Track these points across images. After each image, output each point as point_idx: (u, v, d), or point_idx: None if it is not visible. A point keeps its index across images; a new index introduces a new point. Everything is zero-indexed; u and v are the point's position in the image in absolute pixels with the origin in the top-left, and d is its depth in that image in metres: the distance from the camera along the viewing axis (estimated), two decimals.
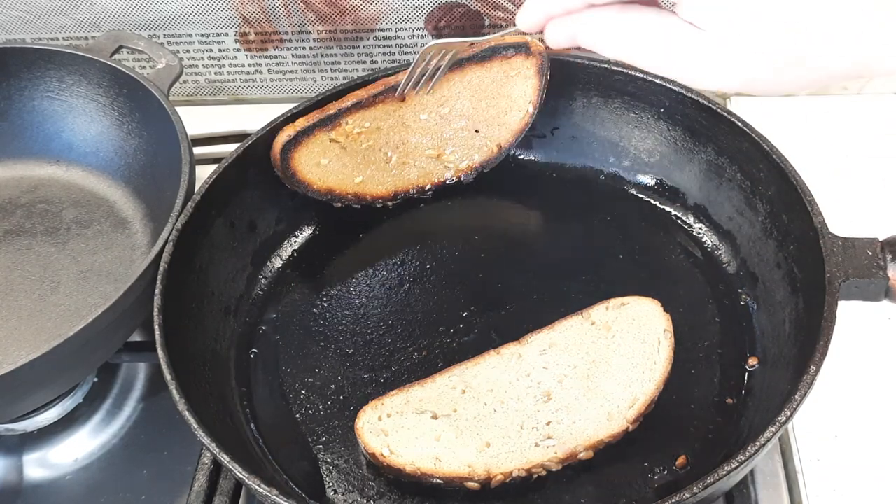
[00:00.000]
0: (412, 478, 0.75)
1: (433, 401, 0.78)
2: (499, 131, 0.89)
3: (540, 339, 0.81)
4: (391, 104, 0.92)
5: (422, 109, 0.92)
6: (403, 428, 0.76)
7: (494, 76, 0.92)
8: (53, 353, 0.73)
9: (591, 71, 0.94)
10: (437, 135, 0.91)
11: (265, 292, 0.92)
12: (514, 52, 0.91)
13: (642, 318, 0.81)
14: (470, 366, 0.80)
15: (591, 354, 0.80)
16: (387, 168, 0.90)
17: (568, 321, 0.82)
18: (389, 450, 0.75)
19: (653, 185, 0.96)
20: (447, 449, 0.75)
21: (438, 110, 0.91)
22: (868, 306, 0.74)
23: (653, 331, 0.80)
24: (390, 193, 0.92)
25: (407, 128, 0.91)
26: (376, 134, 0.92)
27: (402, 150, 0.91)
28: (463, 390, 0.78)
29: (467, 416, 0.77)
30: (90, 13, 1.09)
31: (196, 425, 0.70)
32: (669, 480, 0.75)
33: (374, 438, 0.76)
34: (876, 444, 0.79)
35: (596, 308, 0.83)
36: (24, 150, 1.06)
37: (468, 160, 0.89)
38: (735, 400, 0.79)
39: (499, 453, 0.75)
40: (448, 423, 0.76)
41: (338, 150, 0.91)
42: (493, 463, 0.74)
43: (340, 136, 0.91)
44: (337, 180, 0.91)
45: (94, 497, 0.84)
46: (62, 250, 0.98)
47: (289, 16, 1.08)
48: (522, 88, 0.91)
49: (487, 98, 0.91)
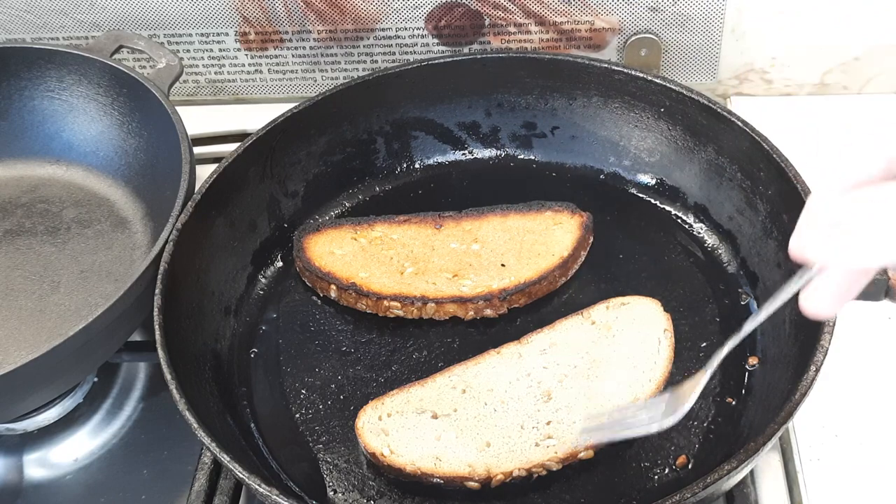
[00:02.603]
0: (412, 477, 0.75)
1: (433, 400, 0.78)
2: (525, 270, 0.88)
3: (540, 338, 0.81)
4: (426, 228, 0.92)
5: (454, 239, 0.91)
6: (404, 427, 0.76)
7: (537, 226, 0.91)
8: (53, 353, 0.73)
9: (592, 71, 0.94)
10: (461, 262, 0.89)
11: (265, 292, 0.92)
12: (562, 209, 0.92)
13: (643, 317, 0.81)
14: (470, 365, 0.80)
15: (592, 354, 0.80)
16: (398, 276, 0.89)
17: (568, 321, 0.82)
18: (390, 449, 0.75)
19: (653, 184, 0.96)
20: (447, 449, 0.75)
21: (471, 244, 0.90)
22: (868, 306, 0.74)
23: (653, 331, 0.80)
24: (391, 294, 0.87)
25: (434, 251, 0.90)
26: (401, 248, 0.91)
27: (420, 266, 0.89)
28: (463, 390, 0.78)
29: (467, 415, 0.77)
30: (90, 13, 1.09)
31: (196, 425, 0.70)
32: (669, 480, 0.75)
33: (374, 438, 0.76)
34: (876, 444, 0.79)
35: (596, 308, 0.83)
36: (24, 150, 1.06)
37: (485, 287, 0.88)
38: (735, 400, 0.79)
39: (499, 453, 0.75)
40: (448, 423, 0.76)
41: (357, 247, 0.91)
42: (493, 462, 0.74)
43: (364, 236, 0.91)
44: (342, 267, 0.90)
45: (94, 497, 0.84)
46: (62, 250, 0.98)
47: (289, 15, 1.08)
48: (561, 238, 0.89)
49: (523, 242, 0.90)
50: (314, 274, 0.89)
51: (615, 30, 1.06)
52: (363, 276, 0.88)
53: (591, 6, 1.04)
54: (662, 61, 1.08)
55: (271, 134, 0.92)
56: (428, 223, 0.93)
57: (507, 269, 0.88)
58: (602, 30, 1.06)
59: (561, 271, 0.88)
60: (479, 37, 1.09)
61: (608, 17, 1.05)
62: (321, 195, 0.98)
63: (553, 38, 1.08)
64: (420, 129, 1.00)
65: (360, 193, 1.00)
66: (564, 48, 1.08)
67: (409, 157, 1.01)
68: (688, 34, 1.05)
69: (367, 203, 0.99)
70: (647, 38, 1.06)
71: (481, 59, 0.97)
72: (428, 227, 0.92)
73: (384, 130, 0.99)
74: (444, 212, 0.93)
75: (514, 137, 1.00)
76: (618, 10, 1.04)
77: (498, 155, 1.01)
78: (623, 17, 1.05)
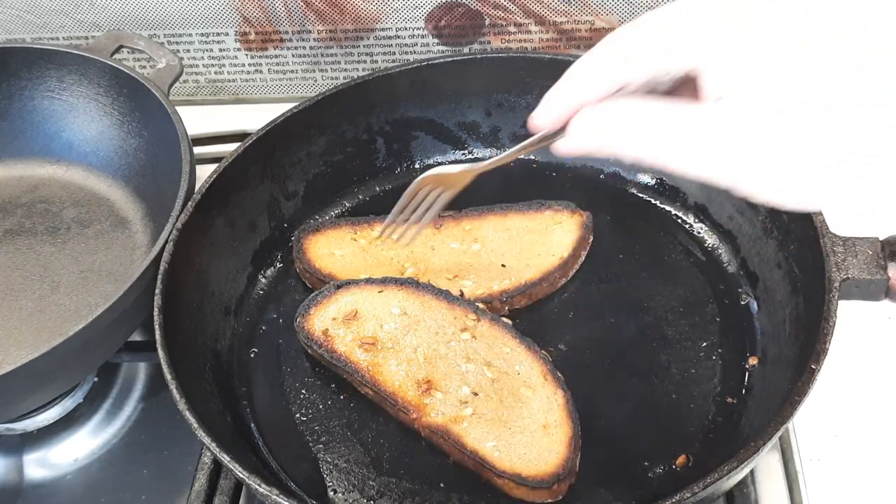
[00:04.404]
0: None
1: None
2: (526, 270, 0.88)
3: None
4: (426, 228, 0.91)
5: (453, 239, 0.91)
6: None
7: (536, 225, 0.91)
8: (53, 353, 0.73)
9: None
10: (461, 262, 0.89)
11: (265, 292, 0.92)
12: (562, 208, 0.92)
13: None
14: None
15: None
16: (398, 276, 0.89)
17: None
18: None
19: (653, 184, 0.96)
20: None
21: (471, 244, 0.90)
22: (868, 306, 0.74)
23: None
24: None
25: (433, 251, 0.90)
26: (401, 248, 0.90)
27: (420, 266, 0.89)
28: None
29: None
30: (90, 13, 1.09)
31: (196, 425, 0.70)
32: (669, 480, 0.75)
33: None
34: (876, 444, 0.79)
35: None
36: (25, 150, 1.06)
37: (485, 288, 0.88)
38: (735, 399, 0.79)
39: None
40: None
41: (356, 248, 0.91)
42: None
43: (364, 237, 0.91)
44: (342, 268, 0.90)
45: (94, 497, 0.84)
46: (62, 250, 0.98)
47: (289, 15, 1.08)
48: (561, 238, 0.89)
49: (524, 242, 0.90)
50: (314, 275, 0.89)
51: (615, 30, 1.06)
52: (363, 277, 0.88)
53: (591, 6, 1.04)
54: None
55: (271, 134, 0.92)
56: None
57: (508, 270, 0.88)
58: (602, 30, 1.06)
59: (561, 271, 0.88)
60: (479, 37, 1.09)
61: (608, 17, 1.05)
62: (321, 195, 0.98)
63: (553, 38, 1.08)
64: (420, 129, 1.00)
65: (360, 193, 1.00)
66: (564, 48, 1.08)
67: (409, 157, 1.01)
68: None
69: (367, 203, 0.99)
70: None
71: (481, 59, 0.97)
72: (428, 227, 0.92)
73: (384, 130, 0.99)
74: (444, 212, 0.93)
75: (514, 137, 1.00)
76: (618, 10, 1.04)
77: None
78: (623, 17, 1.05)
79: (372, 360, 0.80)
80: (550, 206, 0.92)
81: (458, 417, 0.76)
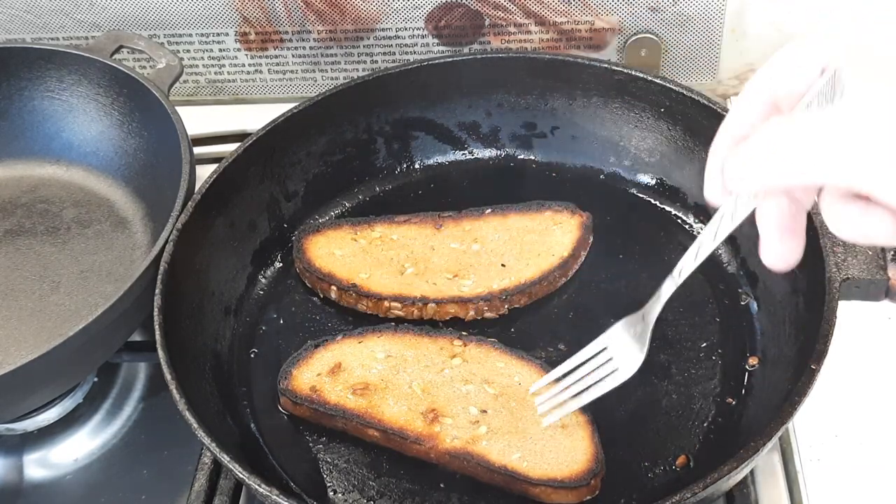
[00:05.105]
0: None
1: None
2: (525, 270, 0.88)
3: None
4: (426, 228, 0.92)
5: (454, 239, 0.91)
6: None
7: (536, 225, 0.91)
8: (53, 353, 0.73)
9: (592, 71, 0.94)
10: (461, 262, 0.89)
11: (265, 292, 0.92)
12: (562, 208, 0.92)
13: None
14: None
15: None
16: (398, 277, 0.88)
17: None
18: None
19: (653, 184, 0.96)
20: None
21: (471, 244, 0.90)
22: (868, 306, 0.74)
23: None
24: (392, 295, 0.87)
25: (434, 251, 0.90)
26: (401, 248, 0.90)
27: (420, 266, 0.89)
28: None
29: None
30: (90, 13, 1.09)
31: (196, 425, 0.70)
32: (669, 480, 0.75)
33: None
34: (876, 444, 0.79)
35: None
36: (24, 150, 1.06)
37: (485, 288, 0.88)
38: (735, 400, 0.79)
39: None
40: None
41: (357, 248, 0.91)
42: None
43: (364, 237, 0.91)
44: (342, 268, 0.89)
45: (94, 497, 0.84)
46: (62, 250, 0.98)
47: (289, 15, 1.08)
48: (561, 239, 0.89)
49: (524, 242, 0.90)
50: (314, 275, 0.89)
51: (615, 30, 1.06)
52: (363, 276, 0.88)
53: (591, 6, 1.04)
54: (662, 61, 1.08)
55: (271, 134, 0.92)
56: (428, 223, 0.92)
57: (508, 270, 0.88)
58: (602, 30, 1.06)
59: (561, 271, 0.88)
60: (479, 37, 1.09)
61: (608, 17, 1.05)
62: (321, 195, 0.98)
63: (553, 38, 1.08)
64: (420, 129, 1.00)
65: (360, 193, 1.00)
66: (564, 48, 1.08)
67: (409, 157, 1.01)
68: (688, 34, 1.05)
69: (367, 203, 0.99)
70: (648, 38, 1.06)
71: (481, 59, 0.97)
72: (428, 228, 0.92)
73: (384, 130, 0.99)
74: (443, 212, 0.93)
75: (514, 137, 1.00)
76: (618, 10, 1.04)
77: (498, 155, 1.01)
78: (623, 17, 1.05)
79: (368, 402, 0.79)
80: (550, 206, 0.92)
81: (475, 437, 0.75)
